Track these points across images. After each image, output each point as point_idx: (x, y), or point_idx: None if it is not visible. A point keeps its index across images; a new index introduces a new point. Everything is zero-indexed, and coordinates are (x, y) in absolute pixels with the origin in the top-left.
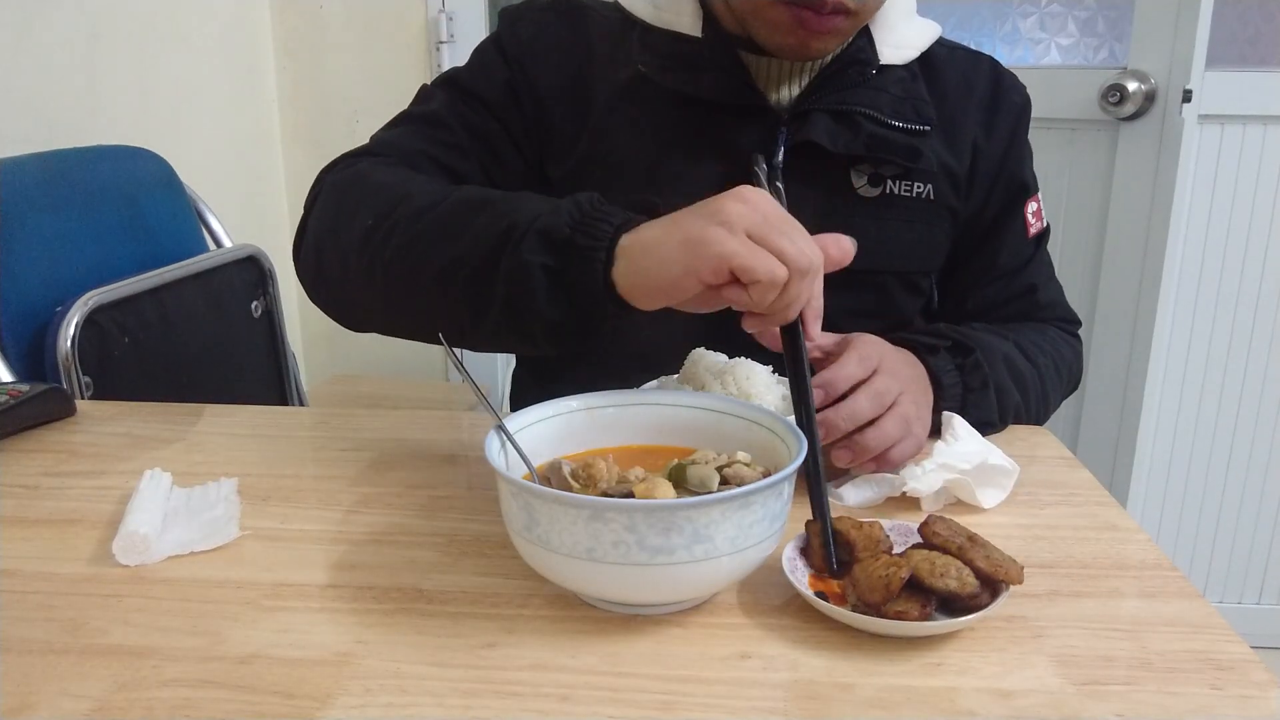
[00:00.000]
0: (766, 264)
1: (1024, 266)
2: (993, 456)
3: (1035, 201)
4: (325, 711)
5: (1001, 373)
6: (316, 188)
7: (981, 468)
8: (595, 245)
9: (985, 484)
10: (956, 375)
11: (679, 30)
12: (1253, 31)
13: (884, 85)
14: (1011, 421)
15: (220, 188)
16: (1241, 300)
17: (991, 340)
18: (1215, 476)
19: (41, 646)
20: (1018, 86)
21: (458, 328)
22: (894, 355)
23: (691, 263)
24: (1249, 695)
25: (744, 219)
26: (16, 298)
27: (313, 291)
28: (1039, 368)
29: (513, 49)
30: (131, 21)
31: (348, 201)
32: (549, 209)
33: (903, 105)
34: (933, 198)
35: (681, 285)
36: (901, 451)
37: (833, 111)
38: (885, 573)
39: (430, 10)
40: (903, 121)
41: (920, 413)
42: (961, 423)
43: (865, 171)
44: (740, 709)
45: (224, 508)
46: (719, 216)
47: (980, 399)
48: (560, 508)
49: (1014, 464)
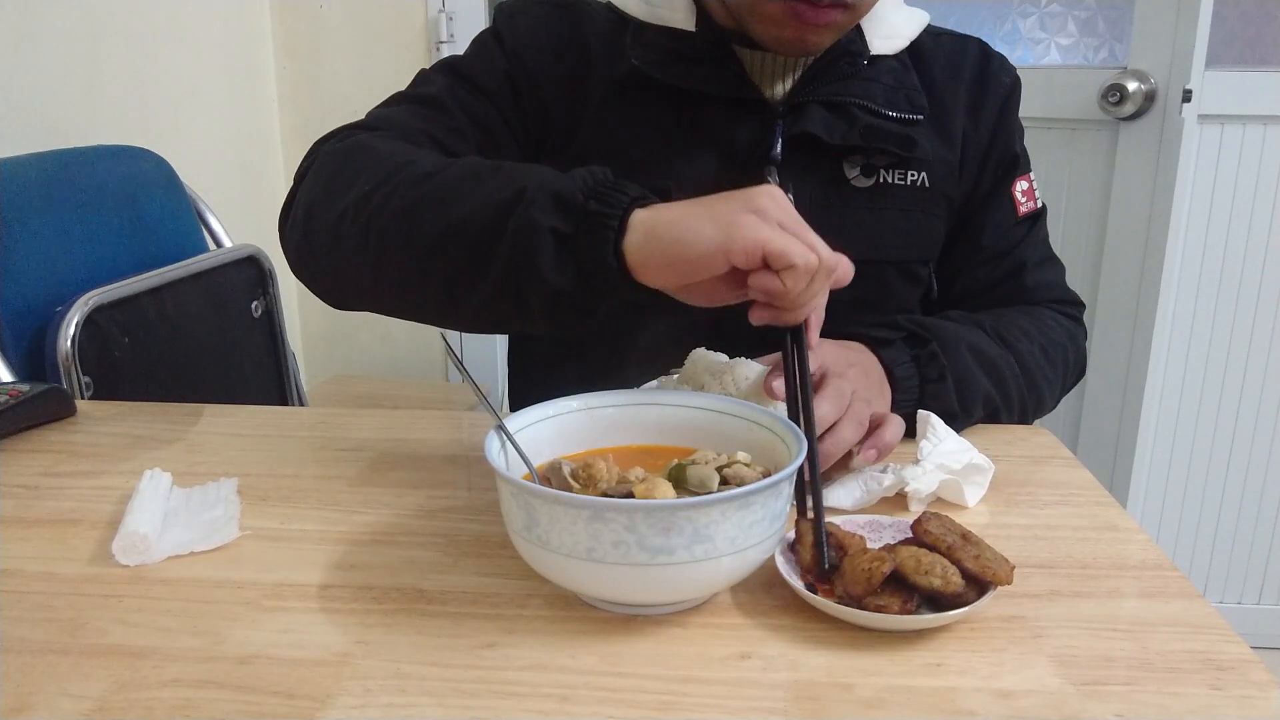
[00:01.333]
0: (802, 251)
1: (1013, 248)
2: (973, 455)
3: (1025, 180)
4: (325, 711)
5: (965, 362)
6: (310, 158)
7: (967, 468)
8: (609, 213)
9: (968, 482)
10: (912, 367)
11: (673, 26)
12: (1253, 31)
13: (876, 76)
14: (985, 412)
15: (220, 188)
16: (1242, 300)
17: (956, 329)
18: (1215, 476)
19: (41, 646)
20: (1006, 67)
21: (449, 296)
22: (841, 353)
23: (725, 242)
24: (1249, 695)
25: (775, 212)
26: (16, 298)
27: (298, 262)
28: (1019, 354)
29: (511, 41)
30: (131, 21)
31: (346, 168)
32: (563, 176)
33: (895, 95)
34: (927, 185)
35: (708, 262)
36: (876, 444)
37: (827, 103)
38: (868, 566)
39: (430, 10)
40: (896, 111)
41: (875, 408)
42: (936, 420)
43: (858, 162)
44: (740, 709)
45: (224, 508)
46: (752, 204)
47: (938, 390)
48: (560, 508)
49: (989, 461)
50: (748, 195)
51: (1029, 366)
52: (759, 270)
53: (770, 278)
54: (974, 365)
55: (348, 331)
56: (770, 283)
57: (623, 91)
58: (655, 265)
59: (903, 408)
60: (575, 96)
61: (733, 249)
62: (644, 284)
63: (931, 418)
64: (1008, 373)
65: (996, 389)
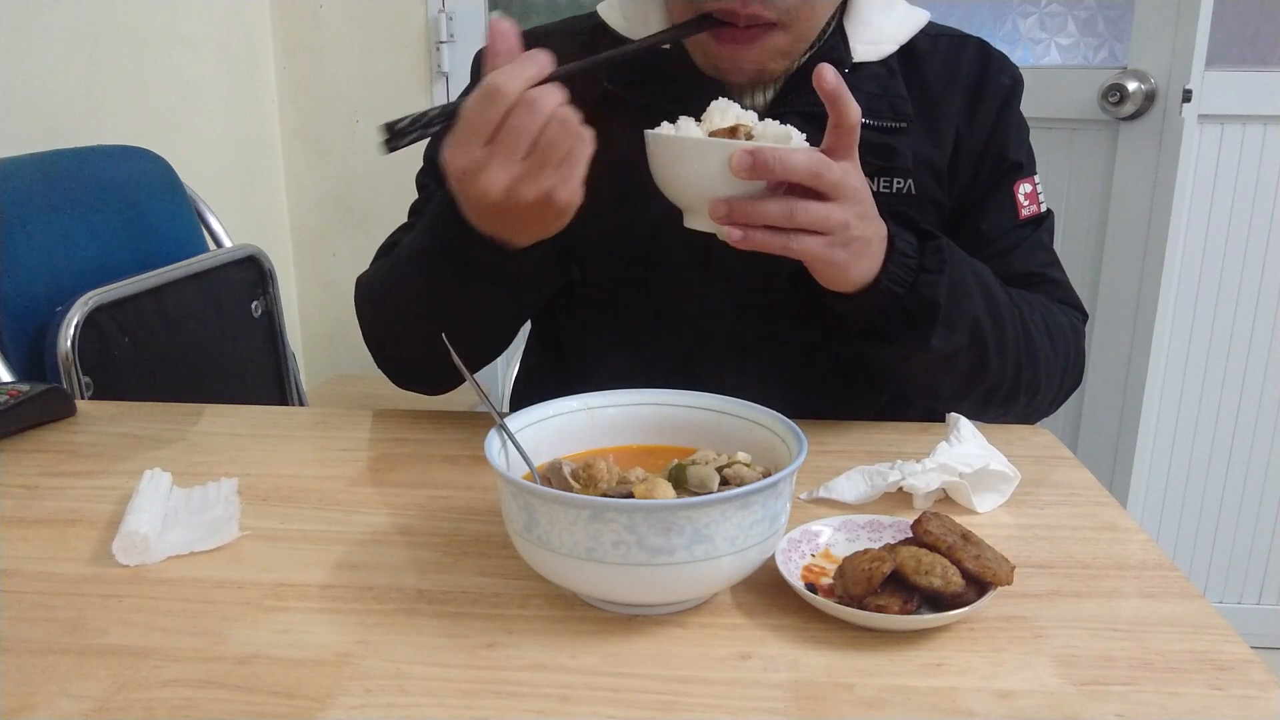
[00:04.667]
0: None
1: (1013, 249)
2: (995, 462)
3: (1029, 183)
4: (325, 711)
5: (967, 277)
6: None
7: (981, 473)
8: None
9: (983, 489)
10: (914, 246)
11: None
12: (1253, 31)
13: (858, 84)
14: (971, 341)
15: (220, 188)
16: (1242, 300)
17: (969, 259)
18: (1215, 476)
19: (41, 646)
20: (1007, 67)
21: (434, 307)
22: (865, 187)
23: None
24: (1249, 695)
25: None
26: (16, 298)
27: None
28: (1024, 317)
29: None
30: (131, 21)
31: (365, 312)
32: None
33: (878, 103)
34: (914, 191)
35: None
36: (806, 247)
37: (805, 114)
38: (869, 566)
39: (430, 10)
40: (877, 120)
41: (861, 246)
42: (967, 424)
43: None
44: (740, 709)
45: (224, 508)
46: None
47: (933, 282)
48: (560, 508)
49: (1015, 471)
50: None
51: (1030, 333)
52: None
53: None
54: (975, 287)
55: (348, 331)
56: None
57: (598, 114)
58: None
59: (892, 284)
60: None
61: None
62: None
63: (960, 421)
64: (1009, 321)
65: (990, 320)
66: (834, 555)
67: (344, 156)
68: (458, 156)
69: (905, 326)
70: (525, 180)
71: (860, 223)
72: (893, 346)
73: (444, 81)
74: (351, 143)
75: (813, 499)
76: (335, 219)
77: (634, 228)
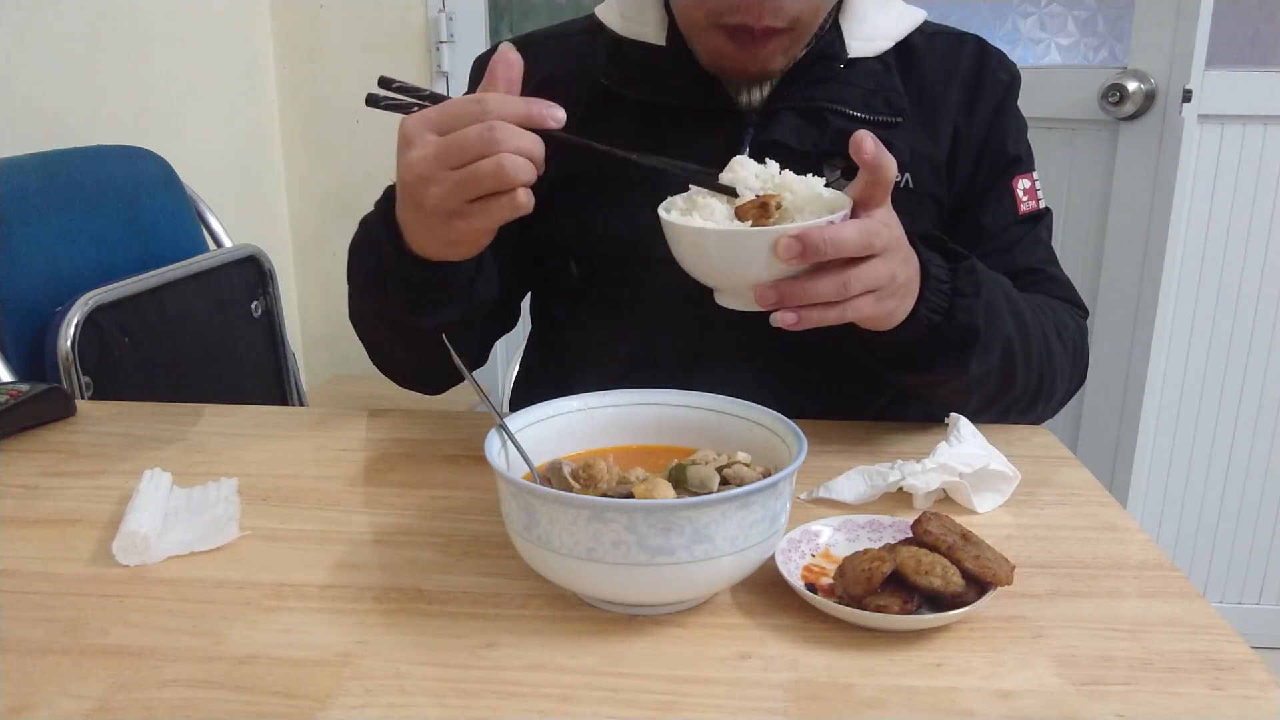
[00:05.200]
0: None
1: (1013, 245)
2: (995, 462)
3: (1028, 179)
4: (325, 711)
5: (997, 295)
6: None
7: (981, 473)
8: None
9: (983, 489)
10: (946, 271)
11: (644, 40)
12: (1253, 31)
13: (854, 79)
14: (1001, 360)
15: (220, 188)
16: (1242, 300)
17: (992, 272)
18: (1215, 476)
19: (41, 646)
20: (1004, 63)
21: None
22: (898, 228)
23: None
24: (1249, 695)
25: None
26: (16, 298)
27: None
28: (1045, 329)
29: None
30: (131, 21)
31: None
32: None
33: (874, 98)
34: (912, 186)
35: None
36: (859, 310)
37: (801, 109)
38: (869, 566)
39: (430, 10)
40: (872, 114)
41: (907, 289)
42: (967, 424)
43: (838, 165)
44: (740, 709)
45: (224, 508)
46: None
47: (970, 306)
48: (560, 508)
49: (1015, 471)
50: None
51: (1049, 342)
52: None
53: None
54: (1004, 305)
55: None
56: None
57: (596, 111)
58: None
59: (930, 313)
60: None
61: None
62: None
63: (960, 421)
64: (1033, 331)
65: (1019, 338)
66: (834, 555)
67: (344, 156)
68: (414, 124)
69: (944, 354)
70: (446, 190)
71: (904, 268)
72: (930, 375)
73: (444, 81)
74: (351, 143)
75: (813, 499)
76: (335, 219)
77: (633, 227)
